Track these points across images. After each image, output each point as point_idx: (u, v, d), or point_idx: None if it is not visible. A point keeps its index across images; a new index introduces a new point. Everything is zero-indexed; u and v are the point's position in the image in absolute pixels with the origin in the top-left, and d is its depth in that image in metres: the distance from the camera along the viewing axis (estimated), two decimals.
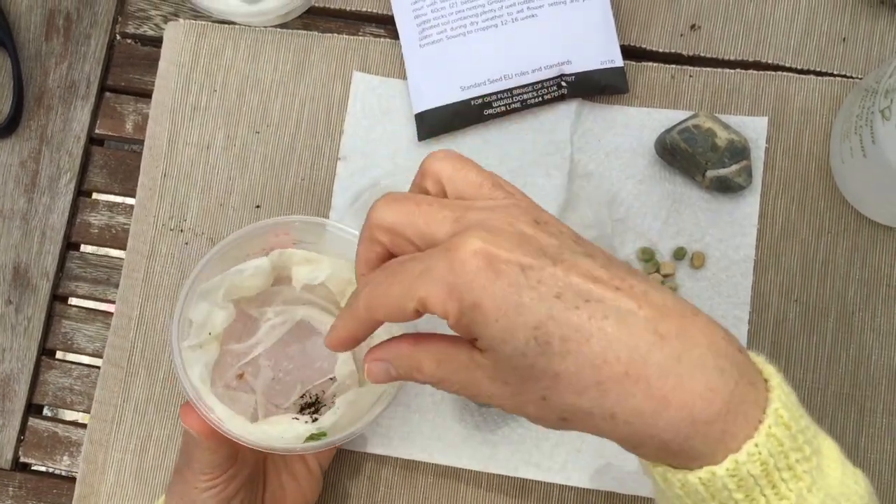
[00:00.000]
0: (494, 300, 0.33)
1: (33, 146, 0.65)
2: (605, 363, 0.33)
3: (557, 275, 0.34)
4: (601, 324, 0.33)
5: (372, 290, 0.37)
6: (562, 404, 0.34)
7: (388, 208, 0.37)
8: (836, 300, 0.60)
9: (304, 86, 0.64)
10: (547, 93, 0.61)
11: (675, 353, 0.33)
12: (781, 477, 0.34)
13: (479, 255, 0.34)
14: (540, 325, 0.33)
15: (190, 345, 0.50)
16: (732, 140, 0.58)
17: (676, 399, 0.33)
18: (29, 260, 0.64)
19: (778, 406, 0.34)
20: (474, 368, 0.36)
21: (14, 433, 0.62)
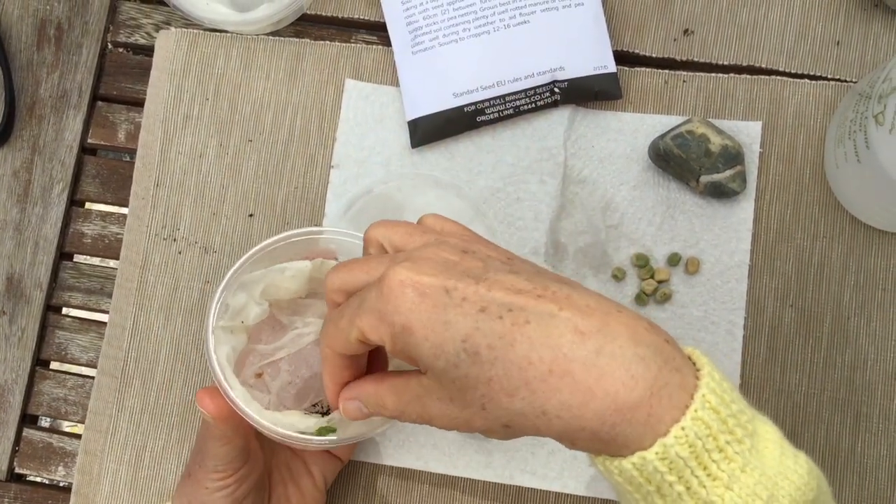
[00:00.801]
0: (422, 321, 0.37)
1: (25, 156, 0.65)
2: (530, 364, 0.36)
3: (480, 292, 0.37)
4: (523, 329, 0.36)
5: (325, 329, 0.42)
6: (499, 409, 0.37)
7: (338, 272, 0.42)
8: (832, 305, 0.59)
9: (296, 93, 0.64)
10: (540, 99, 0.61)
11: (595, 347, 0.35)
12: (712, 458, 0.35)
13: (404, 283, 0.37)
14: (467, 337, 0.36)
15: (223, 325, 0.50)
16: (726, 145, 0.58)
17: (600, 389, 0.35)
18: (22, 270, 0.64)
19: (705, 392, 0.35)
20: (424, 395, 0.39)
21: (9, 444, 0.62)
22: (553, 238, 0.61)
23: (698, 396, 0.35)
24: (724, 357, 0.59)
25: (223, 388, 0.48)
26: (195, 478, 0.51)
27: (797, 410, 0.59)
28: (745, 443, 0.36)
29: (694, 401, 0.35)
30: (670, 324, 0.59)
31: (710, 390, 0.35)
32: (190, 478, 0.51)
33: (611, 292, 0.60)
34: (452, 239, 0.41)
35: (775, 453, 0.36)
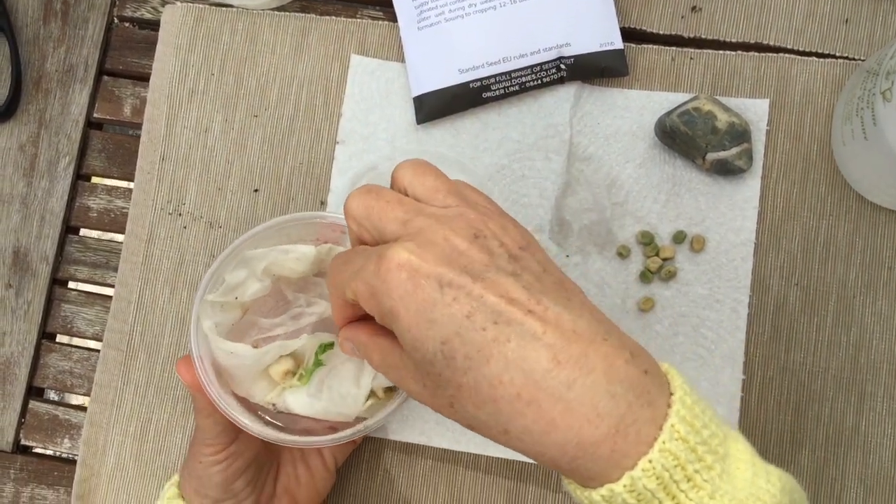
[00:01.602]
0: (408, 312, 0.36)
1: (32, 130, 0.65)
2: (501, 384, 0.35)
3: (473, 293, 0.36)
4: (502, 347, 0.35)
5: (329, 271, 0.42)
6: (464, 413, 0.37)
7: (356, 199, 0.41)
8: (837, 284, 0.59)
9: (301, 69, 0.64)
10: (546, 75, 0.61)
11: (568, 380, 0.35)
12: (680, 488, 0.35)
13: (403, 267, 0.36)
14: (447, 340, 0.36)
15: (212, 300, 0.50)
16: (733, 123, 0.58)
17: (563, 423, 0.35)
18: (28, 244, 0.64)
19: (674, 421, 0.35)
20: (402, 367, 0.39)
21: (15, 416, 0.63)
22: (558, 215, 0.61)
23: (666, 427, 0.35)
24: (729, 335, 0.59)
25: (195, 363, 0.49)
26: (192, 452, 0.51)
27: (801, 389, 0.59)
28: (714, 468, 0.36)
29: (662, 432, 0.35)
30: (675, 301, 0.59)
31: (680, 419, 0.36)
32: (189, 451, 0.52)
33: (616, 270, 0.60)
34: (472, 212, 0.39)
35: (747, 474, 0.36)
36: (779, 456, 0.58)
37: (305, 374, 0.50)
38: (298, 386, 0.51)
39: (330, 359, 0.50)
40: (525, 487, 0.59)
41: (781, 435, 0.58)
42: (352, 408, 0.50)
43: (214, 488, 0.50)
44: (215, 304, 0.51)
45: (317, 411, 0.50)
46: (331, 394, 0.50)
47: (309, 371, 0.50)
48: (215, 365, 0.50)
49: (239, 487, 0.51)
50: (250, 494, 0.52)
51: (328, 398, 0.50)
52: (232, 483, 0.51)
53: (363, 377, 0.50)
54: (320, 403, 0.50)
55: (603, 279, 0.60)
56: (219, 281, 0.51)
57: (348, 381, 0.50)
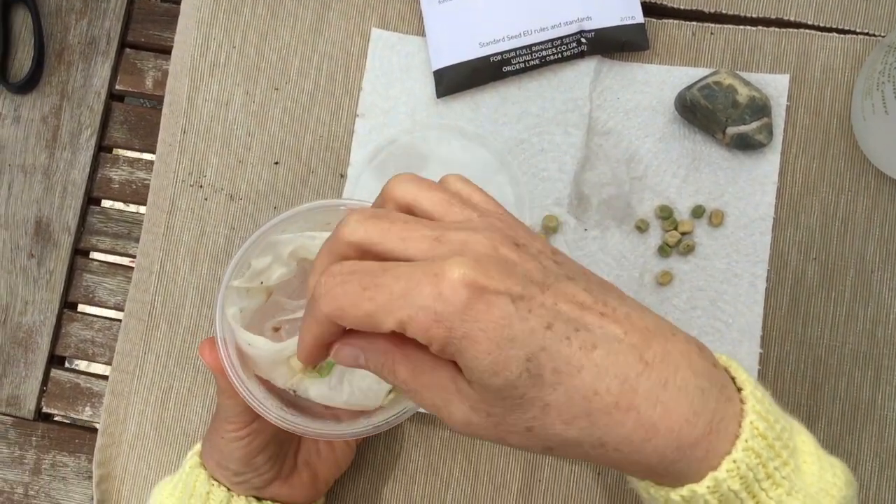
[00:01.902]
0: (486, 333, 0.32)
1: (54, 102, 0.65)
2: (596, 394, 0.33)
3: (546, 303, 0.33)
4: (591, 354, 0.33)
5: (339, 301, 0.34)
6: (549, 434, 0.34)
7: (362, 224, 0.35)
8: (855, 258, 0.59)
9: (322, 43, 0.64)
10: (566, 49, 0.61)
11: (661, 380, 0.34)
12: (761, 486, 0.34)
13: (468, 286, 0.32)
14: (532, 356, 0.33)
15: (238, 285, 0.50)
16: (753, 97, 0.58)
17: (664, 426, 0.33)
18: (51, 214, 0.65)
19: (753, 418, 0.35)
20: (454, 392, 0.35)
21: (37, 384, 0.63)
22: (577, 189, 0.61)
23: (746, 424, 0.34)
24: (747, 309, 0.59)
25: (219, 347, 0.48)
26: (214, 426, 0.52)
27: (818, 363, 0.59)
28: (789, 464, 0.35)
29: (743, 430, 0.34)
30: (693, 276, 0.59)
31: (757, 415, 0.35)
32: (211, 426, 0.52)
33: (634, 244, 0.60)
34: (497, 221, 0.36)
35: (814, 468, 0.36)
36: None
37: (325, 367, 0.50)
38: (317, 377, 0.51)
39: None
40: (541, 458, 0.59)
41: (797, 409, 0.59)
42: (373, 401, 0.49)
43: (236, 462, 0.51)
44: (241, 290, 0.50)
45: (337, 403, 0.50)
46: (352, 388, 0.49)
47: (329, 364, 0.50)
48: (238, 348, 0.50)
49: (260, 462, 0.51)
50: (271, 468, 0.52)
51: (349, 392, 0.49)
52: (253, 458, 0.51)
53: None
54: (341, 397, 0.50)
55: (621, 253, 0.60)
56: (244, 266, 0.50)
57: (370, 377, 0.50)
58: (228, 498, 0.52)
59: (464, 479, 0.60)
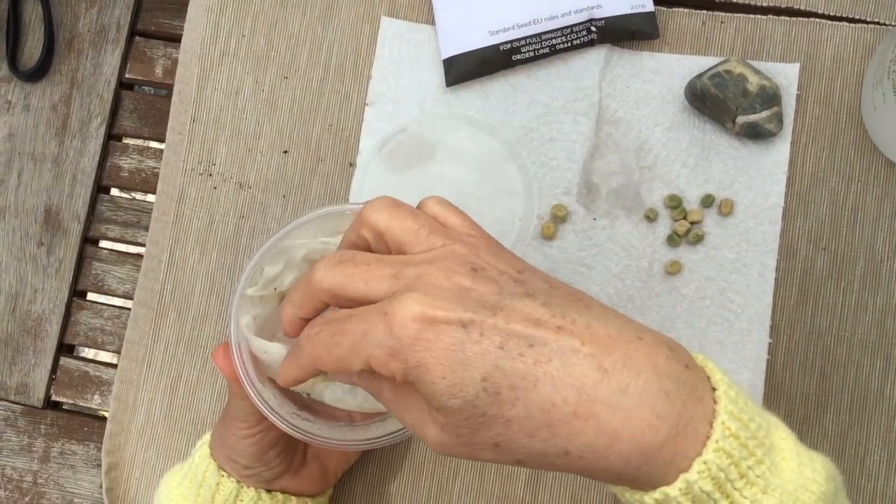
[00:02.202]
0: (438, 359, 0.34)
1: (64, 90, 0.65)
2: (554, 406, 0.34)
3: (498, 325, 0.34)
4: (546, 368, 0.34)
5: (315, 350, 0.38)
6: (515, 448, 0.35)
7: (329, 271, 0.38)
8: (865, 248, 0.59)
9: (332, 31, 0.64)
10: (576, 38, 0.61)
11: (621, 386, 0.34)
12: (734, 486, 0.35)
13: (416, 319, 0.34)
14: (487, 376, 0.34)
15: (251, 293, 0.50)
16: (764, 85, 0.58)
17: (626, 432, 0.34)
18: (60, 203, 0.65)
19: (725, 419, 0.35)
20: (427, 414, 0.37)
21: (46, 372, 0.63)
22: (586, 178, 0.61)
23: (717, 425, 0.35)
24: (756, 299, 0.59)
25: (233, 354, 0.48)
26: (225, 423, 0.52)
27: (827, 353, 0.59)
28: (764, 462, 0.35)
29: (714, 430, 0.34)
30: (702, 265, 0.59)
31: (729, 415, 0.35)
32: (222, 421, 0.52)
33: (643, 233, 0.60)
34: (461, 247, 0.38)
35: (793, 464, 0.36)
36: (804, 419, 0.58)
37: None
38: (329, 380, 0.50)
39: None
40: None
41: (807, 398, 0.58)
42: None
43: (247, 458, 0.51)
44: (254, 298, 0.50)
45: (351, 406, 0.50)
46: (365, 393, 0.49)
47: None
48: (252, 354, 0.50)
49: (270, 457, 0.52)
50: (282, 463, 0.52)
51: (364, 396, 0.49)
52: (264, 454, 0.51)
53: None
54: (355, 401, 0.50)
55: (630, 242, 0.60)
56: (257, 273, 0.50)
57: None
58: (238, 489, 0.52)
59: (471, 470, 0.60)
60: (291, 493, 0.53)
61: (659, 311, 0.60)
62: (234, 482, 0.52)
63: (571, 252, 0.60)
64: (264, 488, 0.52)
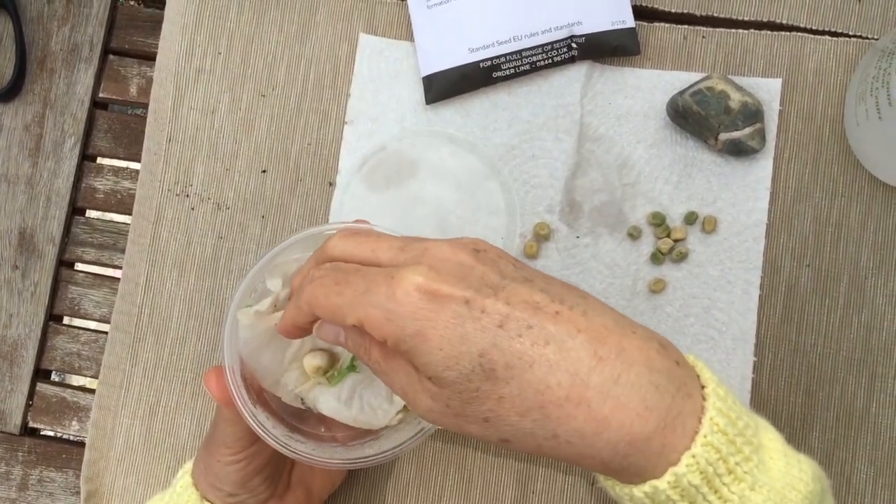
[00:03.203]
0: (437, 330, 0.35)
1: (37, 110, 0.64)
2: (548, 388, 0.35)
3: (498, 305, 0.36)
4: (543, 350, 0.35)
5: (315, 291, 0.39)
6: (504, 426, 0.36)
7: (341, 240, 0.41)
8: (849, 265, 0.59)
9: (309, 48, 0.63)
10: (557, 54, 0.60)
11: (613, 375, 0.35)
12: (723, 481, 0.35)
13: (420, 289, 0.36)
14: (484, 352, 0.35)
15: (256, 309, 0.49)
16: (746, 102, 0.57)
17: (615, 420, 0.35)
18: (35, 225, 0.63)
19: (713, 414, 0.35)
20: (417, 381, 0.37)
21: (22, 398, 0.62)
22: (568, 196, 0.60)
23: (706, 420, 0.35)
24: (740, 316, 0.58)
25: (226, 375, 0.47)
26: (209, 450, 0.51)
27: (812, 370, 0.58)
28: (752, 459, 0.36)
29: (703, 425, 0.35)
30: (686, 283, 0.59)
31: (718, 411, 0.35)
32: (206, 448, 0.51)
33: (627, 251, 0.59)
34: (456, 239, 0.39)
35: (780, 464, 0.37)
36: (790, 437, 0.57)
37: (337, 376, 0.49)
38: (326, 385, 0.50)
39: (364, 368, 0.50)
40: (534, 469, 0.59)
41: (792, 416, 0.58)
42: (381, 420, 0.49)
43: (231, 485, 0.50)
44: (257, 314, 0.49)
45: (345, 418, 0.49)
46: (361, 404, 0.49)
47: (341, 373, 0.49)
48: (244, 366, 0.49)
49: (255, 484, 0.51)
50: (266, 489, 0.52)
51: (358, 408, 0.49)
52: (249, 480, 0.50)
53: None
54: (349, 412, 0.49)
55: (614, 260, 0.60)
56: (251, 292, 0.50)
57: (381, 396, 0.49)
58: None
59: (456, 491, 0.59)
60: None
61: None
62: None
63: (555, 270, 0.60)
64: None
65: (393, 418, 0.49)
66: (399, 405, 0.49)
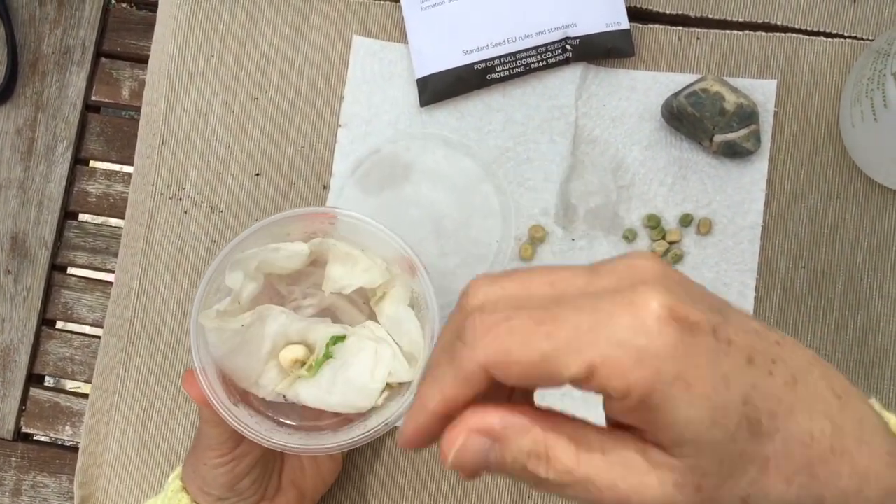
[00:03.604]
0: (700, 370, 0.25)
1: (29, 113, 0.64)
2: (813, 439, 0.27)
3: (735, 333, 0.27)
4: (796, 390, 0.27)
5: (504, 341, 0.26)
6: (765, 502, 0.27)
7: (491, 284, 0.28)
8: (845, 266, 0.59)
9: (302, 50, 0.63)
10: (551, 56, 0.60)
11: (857, 416, 0.28)
12: None
13: (669, 312, 0.25)
14: (747, 398, 0.26)
15: (218, 308, 0.49)
16: (741, 104, 0.57)
17: (872, 472, 0.28)
18: (27, 229, 0.63)
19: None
20: (646, 470, 0.26)
21: (15, 403, 0.62)
22: (563, 199, 0.60)
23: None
24: None
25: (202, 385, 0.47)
26: (196, 454, 0.51)
27: None
28: None
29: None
30: None
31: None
32: (193, 452, 0.51)
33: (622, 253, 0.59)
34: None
35: None
36: None
37: (315, 366, 0.49)
38: (307, 377, 0.50)
39: (340, 352, 0.50)
40: None
41: None
42: (367, 401, 0.49)
43: (220, 488, 0.50)
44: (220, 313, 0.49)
45: (330, 405, 0.49)
46: (345, 388, 0.49)
47: (318, 363, 0.49)
48: (220, 368, 0.49)
49: (245, 486, 0.51)
50: (256, 492, 0.51)
51: (342, 392, 0.49)
52: (238, 483, 0.50)
53: (378, 369, 0.49)
54: (333, 398, 0.49)
55: None
56: (214, 289, 0.49)
57: (363, 375, 0.49)
58: None
59: (452, 496, 0.59)
60: None
61: None
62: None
63: None
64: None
65: (378, 398, 0.49)
66: (381, 382, 0.49)
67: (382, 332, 0.52)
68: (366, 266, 0.52)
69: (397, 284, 0.51)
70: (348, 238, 0.52)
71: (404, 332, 0.50)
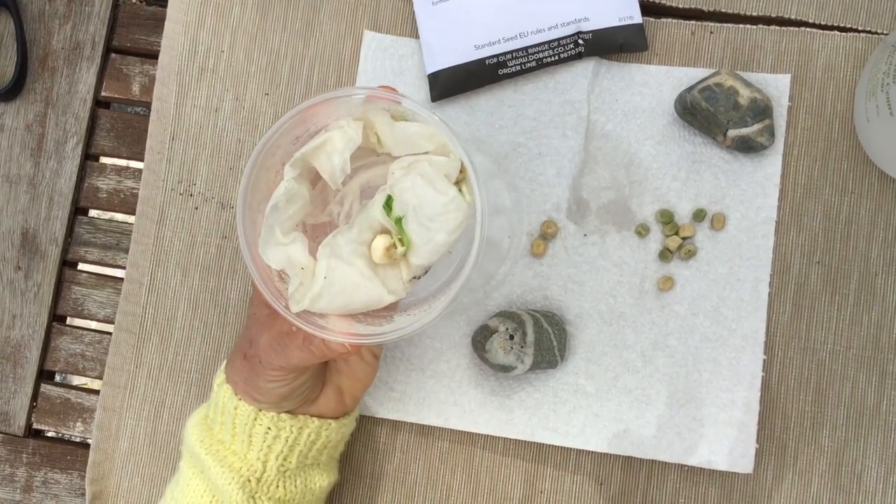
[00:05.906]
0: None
1: (39, 109, 0.64)
2: None
3: None
4: None
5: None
6: None
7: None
8: (859, 262, 0.58)
9: (313, 46, 0.62)
10: (563, 51, 0.59)
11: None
12: None
13: None
14: None
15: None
16: (755, 98, 0.57)
17: None
18: (37, 225, 0.63)
19: None
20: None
21: (26, 399, 0.62)
22: (576, 194, 0.60)
23: None
24: (750, 315, 0.58)
25: (272, 301, 0.45)
26: (253, 367, 0.49)
27: (822, 368, 0.58)
28: None
29: None
30: (694, 281, 0.58)
31: None
32: (247, 361, 0.50)
33: (634, 249, 0.59)
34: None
35: None
36: (800, 436, 0.58)
37: (403, 234, 0.45)
38: (405, 249, 0.45)
39: (402, 206, 0.45)
40: (542, 469, 0.58)
41: (802, 415, 0.58)
42: (458, 211, 0.45)
43: (275, 398, 0.50)
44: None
45: (439, 245, 0.45)
46: (432, 221, 0.45)
47: (400, 229, 0.45)
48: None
49: (297, 394, 0.51)
50: (303, 396, 0.51)
51: (438, 224, 0.45)
52: (291, 394, 0.50)
53: (437, 183, 0.44)
54: (439, 236, 0.45)
55: (621, 258, 0.59)
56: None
57: (432, 199, 0.45)
58: (255, 413, 0.50)
59: (464, 491, 0.59)
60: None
61: (652, 329, 0.59)
62: (253, 409, 0.50)
63: (562, 269, 0.59)
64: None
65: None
66: (452, 189, 0.45)
67: (406, 160, 0.47)
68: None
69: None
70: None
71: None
